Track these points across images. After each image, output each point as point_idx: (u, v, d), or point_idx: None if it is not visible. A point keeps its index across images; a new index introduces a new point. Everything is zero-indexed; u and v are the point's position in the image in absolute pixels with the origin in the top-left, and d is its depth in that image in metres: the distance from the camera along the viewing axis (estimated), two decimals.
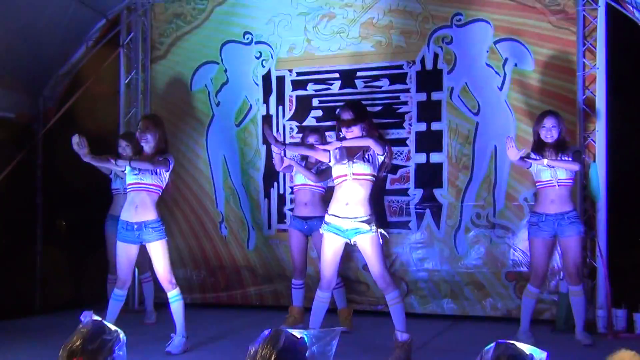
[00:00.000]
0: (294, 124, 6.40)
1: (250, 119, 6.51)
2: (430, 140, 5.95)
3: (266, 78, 6.46)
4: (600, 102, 5.38)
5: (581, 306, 4.79)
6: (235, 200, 6.53)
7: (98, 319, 2.43)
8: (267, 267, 6.43)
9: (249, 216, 6.48)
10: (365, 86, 6.16)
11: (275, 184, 6.42)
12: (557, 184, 4.71)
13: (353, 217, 4.13)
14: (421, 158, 5.98)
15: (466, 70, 5.87)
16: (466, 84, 5.86)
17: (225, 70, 6.61)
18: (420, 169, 5.98)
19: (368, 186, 4.18)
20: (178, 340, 4.59)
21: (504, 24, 5.75)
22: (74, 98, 6.55)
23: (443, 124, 5.92)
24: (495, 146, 5.75)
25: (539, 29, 5.63)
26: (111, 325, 2.41)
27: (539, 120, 4.84)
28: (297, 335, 2.17)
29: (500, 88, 5.76)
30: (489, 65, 5.80)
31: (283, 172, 5.99)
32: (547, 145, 4.74)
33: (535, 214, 4.82)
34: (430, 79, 5.97)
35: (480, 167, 5.80)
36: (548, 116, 4.79)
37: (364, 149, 4.19)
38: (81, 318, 2.42)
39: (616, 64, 5.42)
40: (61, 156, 5.59)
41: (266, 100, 6.47)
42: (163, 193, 4.78)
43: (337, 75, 6.25)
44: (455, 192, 5.86)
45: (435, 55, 5.96)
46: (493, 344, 2.07)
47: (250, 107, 6.52)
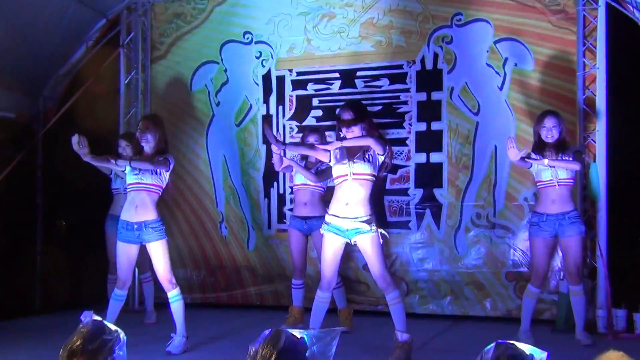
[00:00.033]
0: (294, 124, 6.40)
1: (250, 119, 6.51)
2: (430, 140, 5.95)
3: (266, 78, 6.46)
4: (601, 102, 5.38)
5: (581, 306, 4.78)
6: (235, 200, 6.53)
7: (98, 319, 2.43)
8: (267, 267, 6.43)
9: (249, 216, 6.48)
10: (365, 86, 6.16)
11: (275, 184, 6.42)
12: (558, 184, 4.71)
13: (353, 217, 4.13)
14: (421, 158, 5.98)
15: (466, 70, 5.87)
16: (466, 83, 5.86)
17: (225, 70, 6.61)
18: (420, 168, 5.98)
19: (368, 186, 4.17)
20: (178, 340, 4.59)
21: (504, 23, 5.75)
22: (74, 98, 6.55)
23: (443, 124, 5.92)
24: (496, 146, 5.75)
25: (539, 28, 5.63)
26: (111, 325, 2.41)
27: (539, 120, 4.84)
28: (297, 335, 2.17)
29: (501, 88, 5.76)
30: (489, 65, 5.80)
31: (282, 172, 5.99)
32: (548, 145, 4.74)
33: (536, 214, 4.81)
34: (430, 79, 5.97)
35: (480, 167, 5.80)
36: (548, 116, 4.79)
37: (364, 148, 4.18)
38: (81, 318, 2.42)
39: (616, 63, 5.42)
40: (61, 156, 5.58)
41: (266, 100, 6.46)
42: (163, 193, 4.78)
43: (337, 75, 6.25)
44: (455, 192, 5.86)
45: (435, 55, 5.96)
46: (493, 344, 2.07)
47: (250, 107, 6.52)
